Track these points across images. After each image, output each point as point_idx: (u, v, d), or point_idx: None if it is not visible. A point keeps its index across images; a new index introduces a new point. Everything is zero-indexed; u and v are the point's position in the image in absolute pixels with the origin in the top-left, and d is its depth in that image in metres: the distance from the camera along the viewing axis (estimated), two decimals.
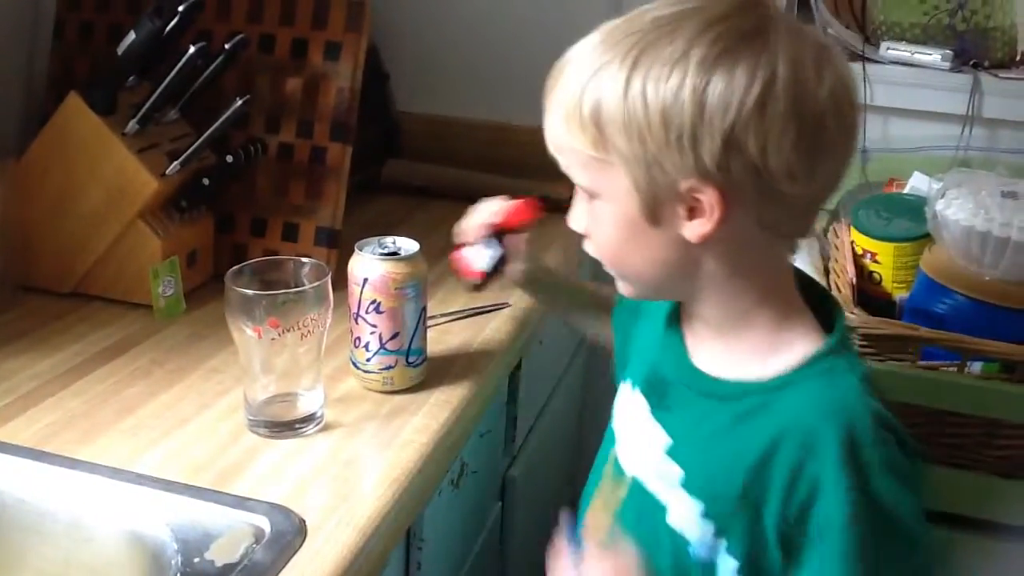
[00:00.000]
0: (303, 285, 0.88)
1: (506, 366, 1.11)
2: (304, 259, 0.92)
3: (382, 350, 0.94)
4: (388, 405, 0.94)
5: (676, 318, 0.79)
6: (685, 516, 0.72)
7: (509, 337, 1.10)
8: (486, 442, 1.12)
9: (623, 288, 0.77)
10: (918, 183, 1.36)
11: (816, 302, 0.75)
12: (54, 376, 0.95)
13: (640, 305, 0.85)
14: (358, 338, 0.95)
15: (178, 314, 1.10)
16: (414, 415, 0.92)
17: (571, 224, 0.77)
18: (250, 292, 0.85)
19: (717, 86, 0.64)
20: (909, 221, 1.28)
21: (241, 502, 0.77)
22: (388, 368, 0.95)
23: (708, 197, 0.66)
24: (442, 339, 1.08)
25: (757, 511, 0.68)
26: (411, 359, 0.96)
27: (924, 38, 1.50)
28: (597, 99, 0.67)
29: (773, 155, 0.64)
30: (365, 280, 0.92)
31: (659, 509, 0.74)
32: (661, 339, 0.80)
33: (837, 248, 1.32)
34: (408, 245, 0.96)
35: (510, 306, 1.15)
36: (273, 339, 0.84)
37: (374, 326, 0.93)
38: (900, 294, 1.28)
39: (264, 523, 0.75)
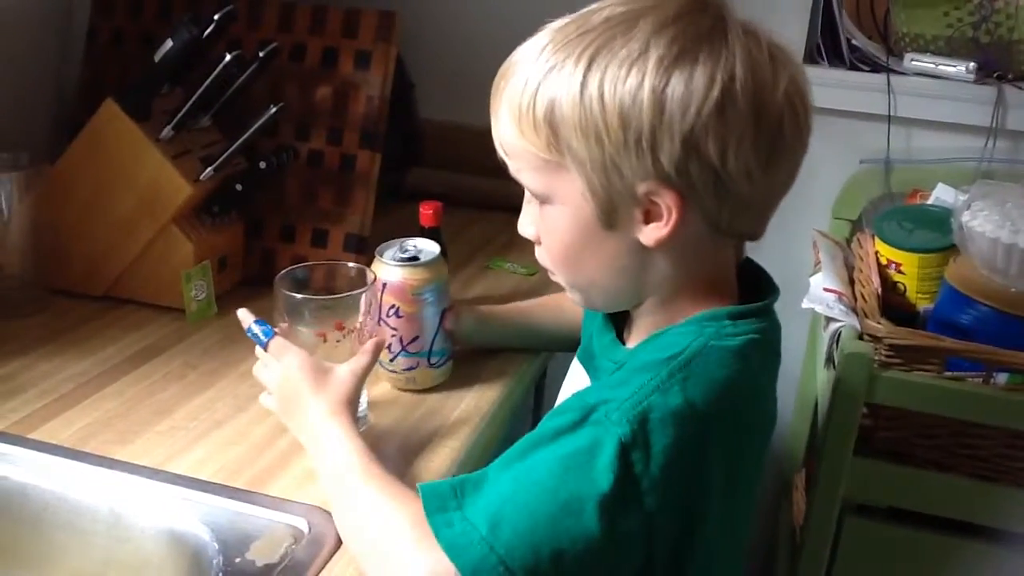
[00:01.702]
0: (349, 289, 0.89)
1: (534, 373, 1.12)
2: (343, 262, 0.93)
3: (404, 352, 0.95)
4: (420, 410, 0.95)
5: None
6: None
7: None
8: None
9: (573, 297, 0.76)
10: (943, 194, 1.36)
11: (761, 291, 0.75)
12: (90, 378, 0.97)
13: None
14: None
15: (209, 317, 1.11)
16: (446, 419, 0.93)
17: (521, 230, 0.76)
18: (323, 295, 0.86)
19: (676, 87, 0.63)
20: (933, 232, 1.28)
21: (278, 503, 0.78)
22: (410, 369, 0.96)
23: (665, 200, 0.65)
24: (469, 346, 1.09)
25: None
26: (432, 360, 0.97)
27: (948, 50, 1.51)
28: (551, 99, 0.66)
29: (732, 157, 0.64)
30: (384, 285, 0.93)
31: None
32: (601, 315, 0.81)
33: (861, 259, 1.33)
34: (428, 249, 0.96)
35: None
36: (338, 341, 0.85)
37: (395, 329, 0.94)
38: (924, 305, 1.28)
39: (302, 524, 0.76)
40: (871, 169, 1.52)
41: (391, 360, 0.96)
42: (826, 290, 1.24)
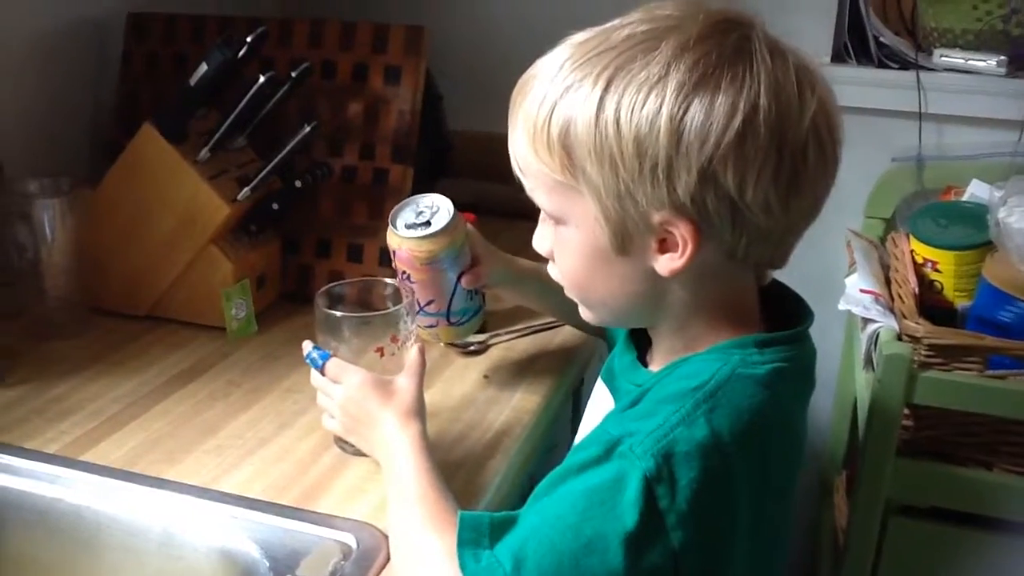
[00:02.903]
0: (384, 303, 0.90)
1: (571, 382, 1.12)
2: (380, 279, 0.94)
3: (422, 312, 0.96)
4: (461, 423, 0.96)
5: None
6: None
7: (573, 353, 1.11)
8: (554, 456, 1.13)
9: (586, 314, 0.75)
10: (978, 190, 1.35)
11: (789, 312, 0.73)
12: (136, 398, 0.98)
13: None
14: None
15: (250, 335, 1.13)
16: (487, 432, 0.94)
17: (535, 246, 0.75)
18: (387, 310, 0.87)
19: (696, 116, 0.60)
20: (968, 228, 1.27)
21: (326, 519, 0.79)
22: (431, 326, 0.97)
23: (681, 230, 0.64)
24: (508, 356, 1.10)
25: None
26: (452, 319, 0.97)
27: (977, 44, 1.50)
28: (567, 120, 0.64)
29: (750, 188, 0.62)
30: (394, 252, 0.93)
31: None
32: (623, 335, 0.81)
33: (897, 258, 1.32)
34: (442, 212, 0.93)
35: None
36: (393, 354, 0.86)
37: (411, 291, 0.93)
38: (962, 302, 1.27)
39: (351, 540, 0.76)
40: (903, 167, 1.52)
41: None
42: (862, 291, 1.23)
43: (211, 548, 0.79)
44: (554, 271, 0.74)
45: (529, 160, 0.68)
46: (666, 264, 0.65)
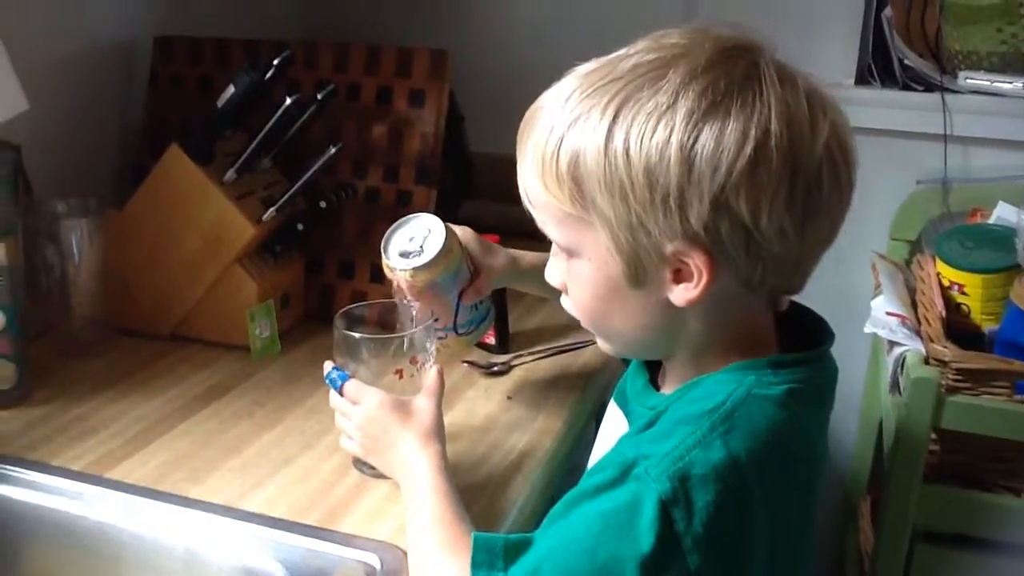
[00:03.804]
0: (403, 323, 0.90)
1: (593, 405, 1.12)
2: (392, 300, 0.93)
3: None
4: (484, 444, 0.95)
5: None
6: None
7: (595, 375, 1.11)
8: (576, 479, 1.12)
9: (603, 345, 0.74)
10: (1004, 213, 1.34)
11: (809, 332, 0.72)
12: (160, 417, 0.99)
13: None
14: None
15: (274, 355, 1.13)
16: (509, 454, 0.94)
17: (547, 278, 0.74)
18: (410, 330, 0.87)
19: (706, 144, 0.60)
20: (994, 251, 1.26)
21: (350, 540, 0.79)
22: (441, 338, 0.96)
23: (695, 260, 0.63)
24: (530, 377, 1.10)
25: None
26: (460, 331, 0.96)
27: (1002, 66, 1.49)
28: (575, 152, 0.63)
29: (764, 215, 0.61)
30: (389, 279, 0.92)
31: None
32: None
33: (923, 280, 1.31)
34: (432, 240, 0.90)
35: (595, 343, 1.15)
36: (412, 376, 0.86)
37: (428, 314, 0.92)
38: (989, 326, 1.26)
39: (374, 560, 0.76)
40: (928, 189, 1.51)
41: None
42: (889, 314, 1.22)
43: (235, 567, 0.79)
44: (567, 303, 0.73)
45: (539, 193, 0.67)
46: (681, 295, 0.65)
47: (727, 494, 0.61)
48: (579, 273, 0.69)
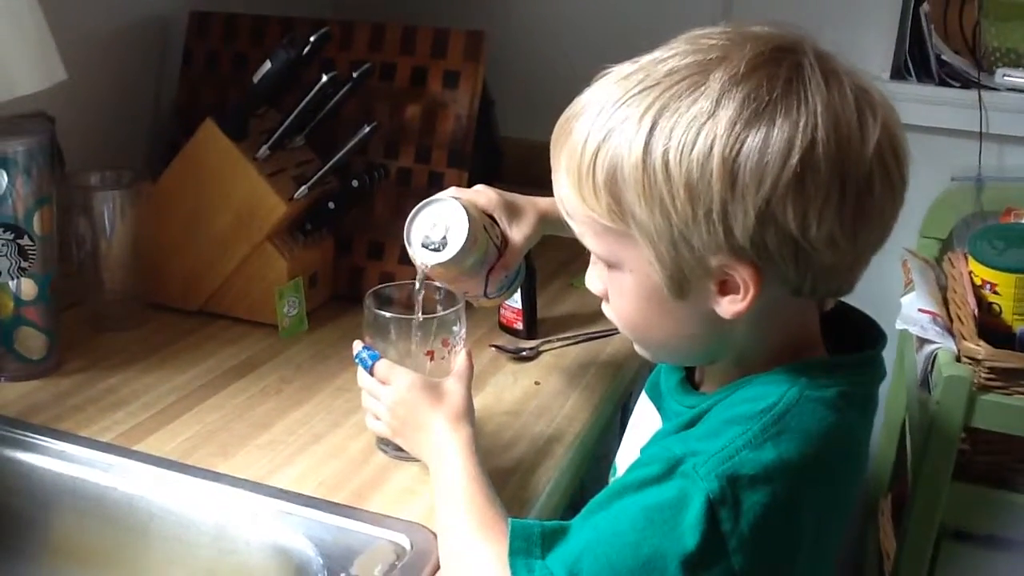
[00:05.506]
0: (434, 306, 0.89)
1: (621, 392, 1.11)
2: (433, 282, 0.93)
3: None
4: (512, 429, 0.95)
5: None
6: None
7: (624, 364, 1.11)
8: (604, 466, 1.12)
9: (643, 352, 0.73)
10: None
11: (860, 333, 0.71)
12: (190, 391, 0.99)
13: None
14: None
15: (301, 333, 1.13)
16: (538, 439, 0.93)
17: (588, 286, 0.72)
18: (442, 312, 0.86)
19: (750, 155, 0.57)
20: None
21: (380, 519, 0.79)
22: (471, 303, 0.94)
23: (741, 273, 0.60)
24: (559, 363, 1.09)
25: None
26: (491, 296, 0.93)
27: None
28: (612, 165, 0.60)
29: (813, 226, 0.58)
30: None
31: None
32: None
33: (955, 279, 1.30)
34: (456, 231, 0.86)
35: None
36: (443, 358, 0.86)
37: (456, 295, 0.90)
38: (1020, 326, 1.25)
39: (404, 541, 0.76)
40: (962, 187, 1.49)
41: None
42: (920, 311, 1.21)
43: (264, 543, 0.79)
44: (609, 311, 0.71)
45: (576, 205, 0.64)
46: (728, 307, 0.63)
47: (776, 496, 0.60)
48: (620, 284, 0.67)
